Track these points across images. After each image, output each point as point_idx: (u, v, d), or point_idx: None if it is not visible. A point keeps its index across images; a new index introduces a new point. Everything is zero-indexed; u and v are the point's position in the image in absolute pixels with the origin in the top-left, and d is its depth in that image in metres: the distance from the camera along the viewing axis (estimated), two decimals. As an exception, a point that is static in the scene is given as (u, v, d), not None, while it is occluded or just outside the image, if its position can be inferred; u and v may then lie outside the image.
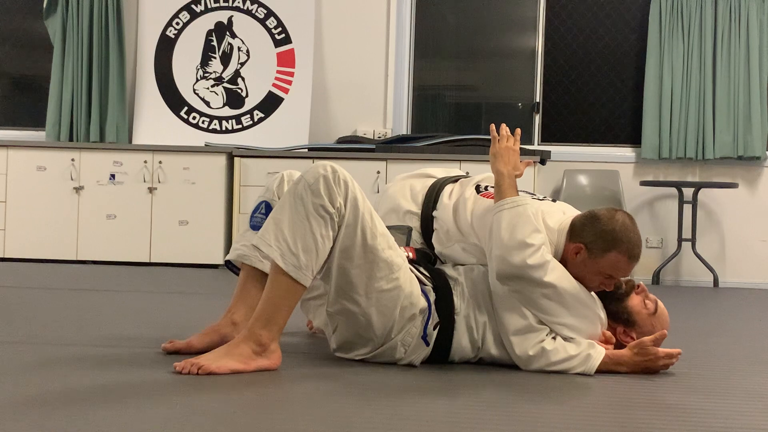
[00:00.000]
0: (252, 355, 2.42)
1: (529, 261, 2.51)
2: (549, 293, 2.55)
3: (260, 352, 2.43)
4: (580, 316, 2.59)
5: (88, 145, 6.24)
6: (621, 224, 2.62)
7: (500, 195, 2.64)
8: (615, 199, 6.39)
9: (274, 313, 2.44)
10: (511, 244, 2.52)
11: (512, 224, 2.55)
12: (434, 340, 2.62)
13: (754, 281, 6.45)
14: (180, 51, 6.60)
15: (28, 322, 3.30)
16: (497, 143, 2.76)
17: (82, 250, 6.05)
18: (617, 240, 2.61)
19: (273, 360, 2.46)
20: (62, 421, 1.87)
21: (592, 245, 2.61)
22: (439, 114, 7.09)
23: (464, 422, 2.00)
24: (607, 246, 2.60)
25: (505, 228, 2.55)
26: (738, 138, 6.40)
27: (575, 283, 2.61)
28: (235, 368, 2.39)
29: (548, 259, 2.55)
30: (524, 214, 2.57)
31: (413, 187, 2.95)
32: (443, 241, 2.83)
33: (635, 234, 2.64)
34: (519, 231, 2.53)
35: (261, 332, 2.43)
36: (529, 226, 2.55)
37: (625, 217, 2.66)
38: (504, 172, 2.68)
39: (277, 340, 2.47)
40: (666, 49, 6.45)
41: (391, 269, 2.53)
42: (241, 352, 2.42)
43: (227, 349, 2.44)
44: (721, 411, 2.23)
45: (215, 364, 2.38)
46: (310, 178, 2.46)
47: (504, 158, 2.71)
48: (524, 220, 2.55)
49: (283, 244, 2.41)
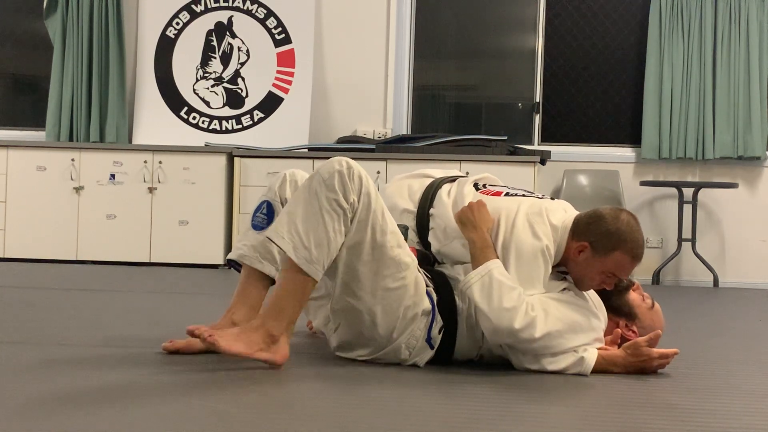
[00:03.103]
0: (261, 344, 2.44)
1: (515, 325, 2.48)
2: (545, 343, 2.54)
3: (269, 344, 2.45)
4: (580, 332, 2.59)
5: (88, 145, 6.24)
6: (626, 224, 2.63)
7: (476, 262, 2.60)
8: (615, 199, 6.38)
9: (284, 306, 2.46)
10: (492, 314, 2.49)
11: (486, 295, 2.52)
12: (438, 342, 2.62)
13: (754, 281, 6.45)
14: (180, 51, 6.61)
15: (28, 322, 3.30)
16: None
17: (82, 250, 6.06)
18: (622, 240, 2.61)
19: (279, 355, 2.46)
20: (63, 421, 1.87)
21: (597, 244, 2.61)
22: (439, 114, 7.09)
23: (464, 422, 2.00)
24: (612, 245, 2.61)
25: (480, 301, 2.51)
26: (738, 138, 6.40)
27: (563, 309, 2.58)
28: (240, 352, 2.41)
29: (534, 313, 2.52)
30: (494, 279, 2.53)
31: (411, 186, 2.95)
32: (441, 238, 2.82)
33: (639, 234, 2.64)
34: (495, 299, 2.50)
35: (272, 323, 2.46)
36: (503, 290, 2.51)
37: (629, 216, 2.66)
38: (473, 238, 2.63)
39: (288, 334, 2.49)
40: (666, 49, 6.45)
41: (399, 268, 2.53)
42: (252, 339, 2.44)
43: (239, 332, 2.46)
44: (721, 411, 2.24)
45: (225, 342, 2.40)
46: (325, 173, 2.46)
47: (470, 222, 2.66)
48: (496, 285, 2.51)
49: (295, 237, 2.42)
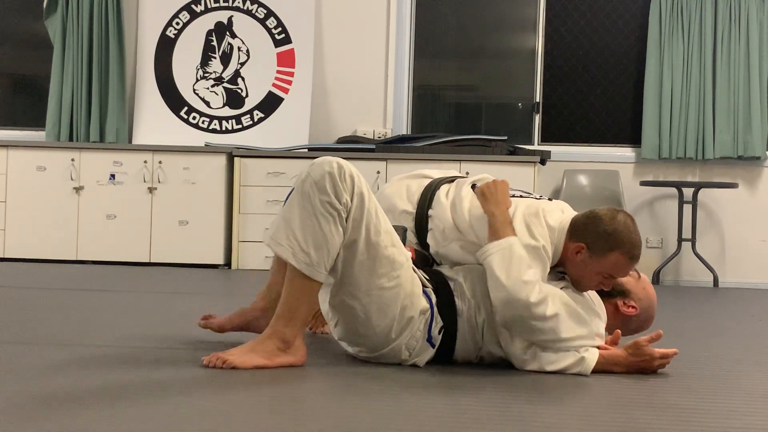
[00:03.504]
0: (276, 351, 2.48)
1: (531, 299, 2.49)
2: (553, 324, 2.54)
3: (284, 349, 2.49)
4: (583, 325, 2.59)
5: (88, 145, 6.24)
6: (623, 225, 2.63)
7: (495, 235, 2.61)
8: (615, 199, 6.39)
9: (295, 311, 2.48)
10: (509, 284, 2.50)
11: (505, 266, 2.52)
12: (439, 342, 2.62)
13: (754, 281, 6.45)
14: (180, 51, 6.60)
15: (29, 322, 3.30)
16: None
17: (82, 250, 6.05)
18: (619, 241, 2.61)
19: (298, 356, 2.51)
20: (63, 421, 1.87)
21: (594, 245, 2.62)
22: (439, 114, 7.09)
23: (464, 422, 2.00)
24: (609, 247, 2.61)
25: (499, 271, 2.52)
26: (738, 138, 6.40)
27: (570, 301, 2.60)
28: (259, 364, 2.45)
29: (546, 292, 2.53)
30: (514, 253, 2.54)
31: (409, 187, 2.95)
32: (439, 240, 2.82)
33: (636, 235, 2.64)
34: (514, 271, 2.51)
35: (284, 330, 2.48)
36: (523, 264, 2.52)
37: (626, 217, 2.66)
38: (494, 212, 2.64)
39: (301, 336, 2.52)
40: (666, 49, 6.45)
41: (393, 267, 2.53)
42: (266, 348, 2.48)
43: (252, 345, 2.50)
44: (721, 411, 2.24)
45: (239, 359, 2.44)
46: (316, 175, 2.46)
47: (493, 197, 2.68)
48: (516, 258, 2.53)
49: (294, 243, 2.43)
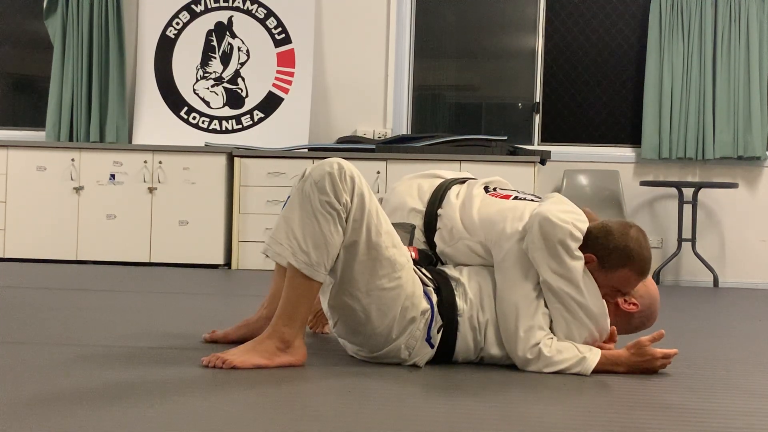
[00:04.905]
0: (276, 351, 2.49)
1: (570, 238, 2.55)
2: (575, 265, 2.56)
3: (284, 349, 2.49)
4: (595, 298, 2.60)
5: (88, 145, 6.24)
6: (635, 241, 2.61)
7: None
8: (615, 199, 6.39)
9: (294, 311, 2.49)
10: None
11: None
12: (438, 342, 2.62)
13: (754, 281, 6.45)
14: (180, 51, 6.61)
15: (28, 322, 3.30)
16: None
17: (82, 250, 6.06)
18: (630, 257, 2.60)
19: (298, 356, 2.52)
20: (62, 421, 1.87)
21: (604, 259, 2.61)
22: (439, 114, 7.09)
23: (464, 422, 2.00)
24: (620, 262, 2.60)
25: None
26: (738, 138, 6.40)
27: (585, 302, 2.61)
28: (259, 363, 2.46)
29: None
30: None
31: (421, 186, 2.97)
32: (447, 239, 2.82)
33: (647, 251, 2.63)
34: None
35: (283, 329, 2.49)
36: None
37: (638, 233, 2.64)
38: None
39: (301, 336, 2.53)
40: (666, 49, 6.45)
41: (394, 268, 2.53)
42: (266, 348, 2.49)
43: (252, 345, 2.51)
44: (721, 411, 2.23)
45: (239, 359, 2.46)
46: (316, 176, 2.47)
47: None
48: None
49: (294, 243, 2.44)
